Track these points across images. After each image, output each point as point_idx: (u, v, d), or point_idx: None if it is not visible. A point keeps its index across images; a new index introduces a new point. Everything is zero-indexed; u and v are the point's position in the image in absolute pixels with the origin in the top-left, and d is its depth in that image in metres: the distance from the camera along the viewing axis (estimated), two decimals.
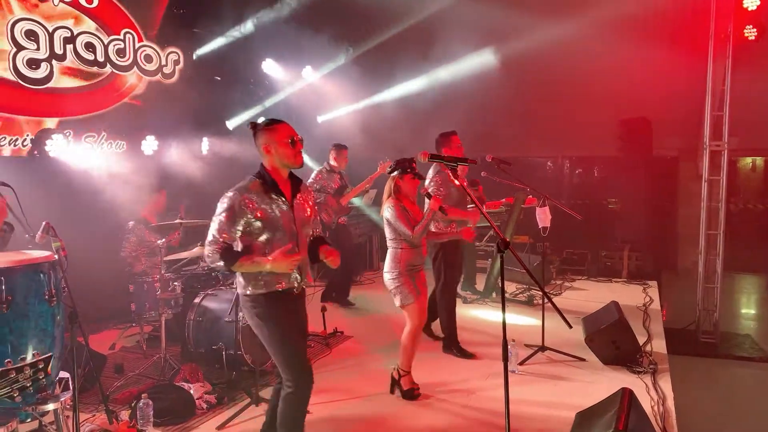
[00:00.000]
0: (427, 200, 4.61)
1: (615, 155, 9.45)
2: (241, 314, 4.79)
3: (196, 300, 5.22)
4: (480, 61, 8.87)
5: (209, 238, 3.12)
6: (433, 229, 5.47)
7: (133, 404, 4.10)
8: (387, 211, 4.45)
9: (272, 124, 3.25)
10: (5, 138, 5.94)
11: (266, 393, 4.56)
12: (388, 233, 4.50)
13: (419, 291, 4.45)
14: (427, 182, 5.35)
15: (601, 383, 4.75)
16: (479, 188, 5.85)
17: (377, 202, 7.79)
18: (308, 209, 3.36)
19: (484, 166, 6.01)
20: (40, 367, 2.13)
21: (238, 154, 8.23)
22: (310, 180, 7.03)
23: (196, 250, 5.26)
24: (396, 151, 7.68)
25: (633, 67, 8.34)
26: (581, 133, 8.80)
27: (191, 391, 4.38)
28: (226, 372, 4.87)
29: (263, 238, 3.14)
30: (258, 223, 3.11)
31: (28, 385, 2.10)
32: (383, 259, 4.63)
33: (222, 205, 3.11)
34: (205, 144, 8.13)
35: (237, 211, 3.08)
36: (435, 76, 9.36)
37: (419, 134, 8.10)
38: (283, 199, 3.20)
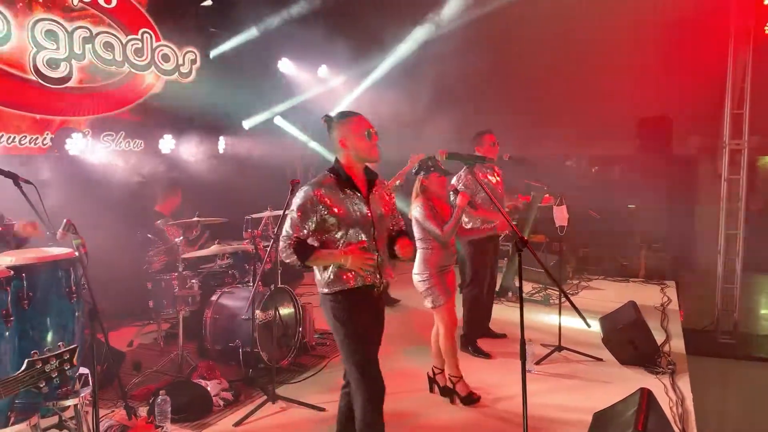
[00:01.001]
0: (453, 197, 4.54)
1: (633, 154, 9.36)
2: (258, 311, 4.82)
3: (213, 297, 5.26)
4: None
5: (282, 233, 3.08)
6: (470, 225, 5.48)
7: (151, 401, 4.14)
8: (415, 211, 4.36)
9: (347, 116, 3.15)
10: (26, 137, 6.01)
11: (282, 391, 4.60)
12: (416, 233, 4.40)
13: (449, 292, 4.37)
14: (454, 180, 5.30)
15: (618, 384, 4.70)
16: (518, 196, 5.81)
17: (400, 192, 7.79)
18: (385, 204, 3.25)
19: (502, 164, 5.98)
20: (66, 358, 2.17)
21: (255, 153, 8.28)
22: None
23: (213, 248, 5.30)
24: (403, 147, 7.66)
25: (652, 65, 8.26)
26: (599, 131, 8.73)
27: (208, 388, 4.41)
28: (242, 369, 4.90)
29: (338, 234, 3.07)
30: (332, 219, 3.04)
31: (54, 375, 2.14)
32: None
33: (295, 201, 3.07)
34: (222, 143, 8.18)
35: (309, 206, 3.02)
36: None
37: (428, 129, 8.07)
38: (359, 194, 3.12)
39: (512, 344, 5.66)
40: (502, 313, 6.52)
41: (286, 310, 5.27)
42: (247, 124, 8.79)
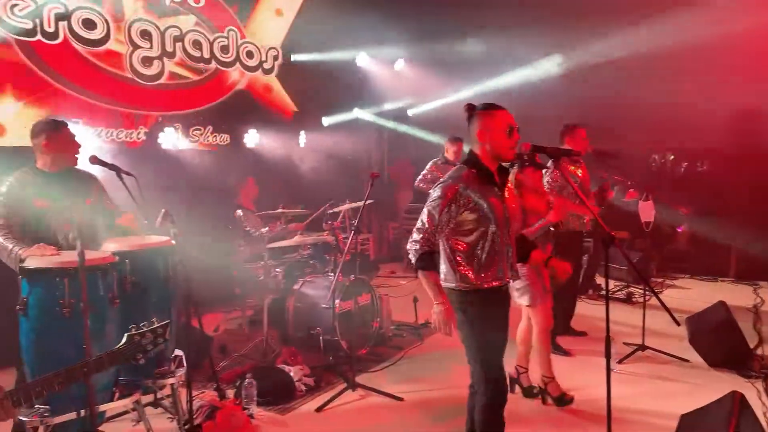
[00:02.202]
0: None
1: (725, 147, 8.89)
2: (337, 301, 4.95)
3: (296, 286, 5.43)
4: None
5: (417, 224, 2.93)
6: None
7: (237, 384, 4.33)
8: None
9: (491, 108, 2.98)
10: (123, 131, 6.38)
11: (362, 378, 4.70)
12: None
13: (547, 289, 4.23)
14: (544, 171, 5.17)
15: (706, 386, 4.53)
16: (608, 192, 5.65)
17: None
18: (515, 200, 3.15)
19: (585, 158, 5.84)
20: (159, 332, 2.36)
21: (334, 147, 8.46)
22: (424, 171, 7.08)
23: (295, 239, 5.46)
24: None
25: (747, 54, 7.80)
26: (688, 124, 8.34)
27: (291, 374, 4.56)
28: (323, 356, 5.04)
29: (476, 233, 2.92)
30: (472, 217, 2.90)
31: (150, 348, 2.32)
32: None
33: (435, 193, 2.92)
34: (303, 137, 8.39)
35: (450, 200, 2.87)
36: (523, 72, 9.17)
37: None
38: (497, 189, 3.00)
39: (592, 342, 5.55)
40: (583, 311, 6.39)
41: (364, 301, 5.37)
42: (326, 120, 8.94)
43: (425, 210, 2.94)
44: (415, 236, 2.93)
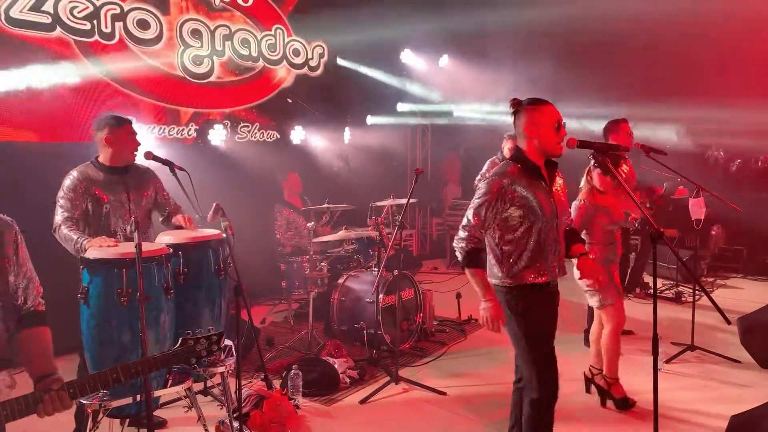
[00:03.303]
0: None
1: None
2: (381, 295, 5.01)
3: (340, 280, 5.51)
4: None
5: (463, 222, 2.96)
6: None
7: (283, 374, 4.44)
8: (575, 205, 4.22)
9: (537, 103, 2.97)
10: (174, 128, 6.57)
11: (405, 372, 4.75)
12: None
13: (618, 288, 4.18)
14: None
15: (757, 388, 4.42)
16: (658, 192, 5.51)
17: None
18: (564, 196, 3.13)
19: (632, 154, 5.73)
20: (214, 340, 2.41)
21: (378, 143, 8.51)
22: (483, 169, 7.09)
23: (340, 234, 5.54)
24: None
25: None
26: (742, 120, 8.08)
27: (336, 366, 4.64)
28: (366, 350, 5.11)
29: (522, 229, 2.92)
30: (518, 213, 2.90)
31: (204, 355, 2.38)
32: None
33: (479, 191, 2.94)
34: (347, 134, 8.48)
35: (496, 196, 2.88)
36: None
37: None
38: (544, 183, 2.98)
39: (639, 341, 5.48)
40: (630, 309, 6.24)
41: (407, 296, 5.42)
42: (370, 120, 8.98)
43: (471, 207, 2.96)
44: (461, 234, 2.95)
